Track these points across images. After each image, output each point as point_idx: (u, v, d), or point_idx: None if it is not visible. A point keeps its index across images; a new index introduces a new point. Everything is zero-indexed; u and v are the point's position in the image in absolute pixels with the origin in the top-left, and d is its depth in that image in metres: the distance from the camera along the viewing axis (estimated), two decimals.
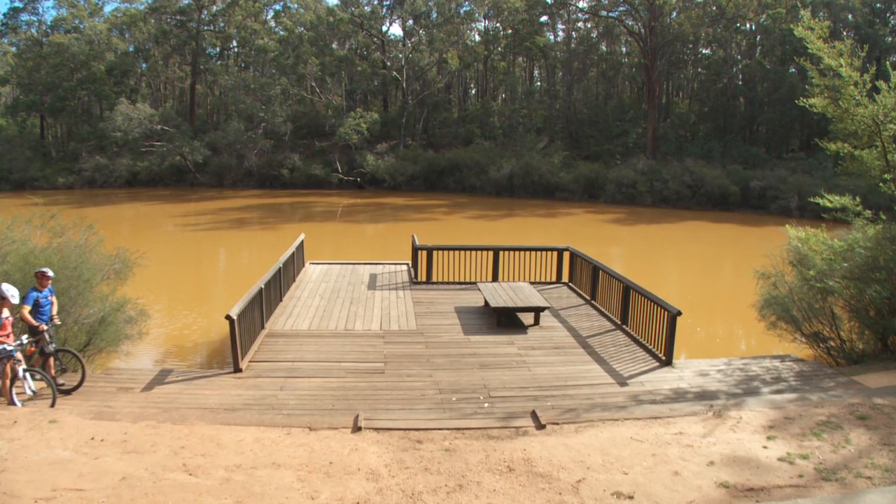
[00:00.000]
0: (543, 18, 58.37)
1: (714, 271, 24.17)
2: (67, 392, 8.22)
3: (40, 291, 8.50)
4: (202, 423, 6.79)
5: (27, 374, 7.82)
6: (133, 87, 58.03)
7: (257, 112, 51.71)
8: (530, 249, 15.20)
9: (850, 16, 47.91)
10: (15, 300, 7.89)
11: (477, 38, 62.04)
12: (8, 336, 7.85)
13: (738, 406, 7.35)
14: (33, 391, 7.81)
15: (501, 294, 12.19)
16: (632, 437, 6.50)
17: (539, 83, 65.66)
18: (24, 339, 8.03)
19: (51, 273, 8.74)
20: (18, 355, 7.79)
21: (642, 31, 48.84)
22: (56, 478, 5.44)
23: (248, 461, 5.90)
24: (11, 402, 7.63)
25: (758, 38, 53.60)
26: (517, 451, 6.21)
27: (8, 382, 7.69)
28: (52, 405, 7.55)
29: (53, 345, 8.56)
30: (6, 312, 7.87)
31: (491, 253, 14.90)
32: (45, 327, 8.39)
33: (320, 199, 43.78)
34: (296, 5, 63.98)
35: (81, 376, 8.47)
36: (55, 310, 8.81)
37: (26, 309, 8.23)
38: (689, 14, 50.62)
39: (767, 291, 11.15)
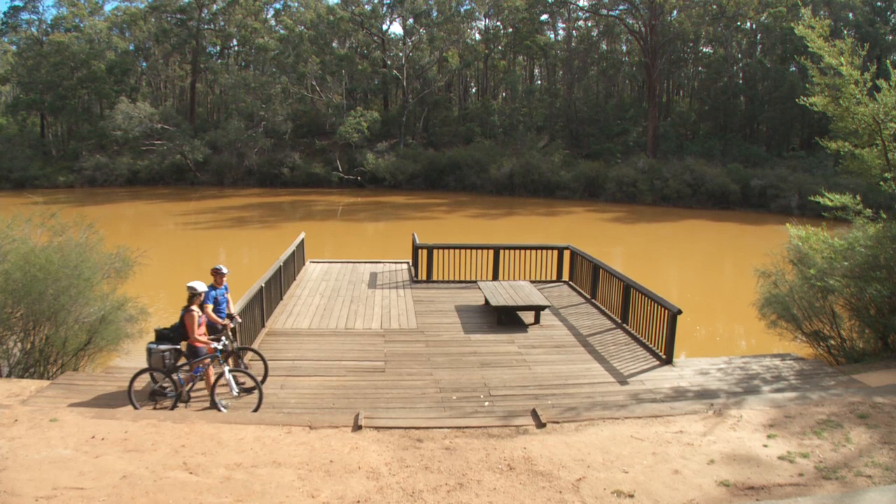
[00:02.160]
0: (544, 17, 58.33)
1: (714, 270, 24.16)
2: (249, 391, 8.15)
3: (217, 289, 8.47)
4: (202, 421, 6.79)
5: (231, 376, 7.76)
6: (133, 86, 57.98)
7: (258, 111, 51.69)
8: (531, 248, 15.20)
9: (850, 14, 47.87)
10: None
11: (477, 36, 62.00)
12: (203, 335, 7.82)
13: (738, 405, 7.35)
14: (237, 393, 7.77)
15: (502, 293, 12.19)
16: (632, 436, 6.51)
17: (539, 82, 65.64)
18: (225, 339, 7.95)
19: (226, 270, 8.70)
20: (222, 356, 7.78)
21: (643, 29, 48.79)
22: (57, 476, 5.45)
23: (249, 460, 5.91)
24: (214, 406, 7.56)
25: (758, 37, 53.56)
26: (517, 449, 6.21)
27: (211, 384, 7.69)
28: (257, 409, 7.48)
29: (236, 342, 8.55)
30: (198, 310, 7.81)
31: (491, 251, 14.90)
32: (232, 324, 8.40)
33: (320, 198, 43.77)
34: (296, 4, 63.94)
35: (265, 372, 8.44)
36: (233, 307, 8.80)
37: (209, 308, 8.18)
38: (689, 13, 50.56)
39: (768, 290, 11.15)
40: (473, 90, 66.79)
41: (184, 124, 50.78)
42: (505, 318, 11.69)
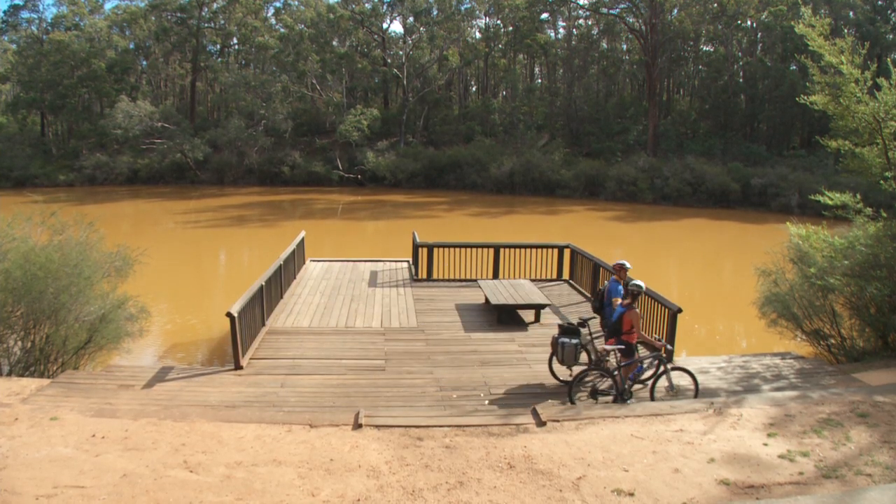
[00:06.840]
0: (544, 16, 58.20)
1: (715, 269, 24.16)
2: (641, 381, 8.27)
3: (620, 283, 8.57)
4: (203, 420, 6.79)
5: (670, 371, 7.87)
6: (133, 85, 57.90)
7: (258, 109, 51.63)
8: (531, 247, 15.20)
9: (850, 13, 47.76)
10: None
11: (478, 35, 61.87)
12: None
13: (738, 403, 7.35)
14: (673, 388, 7.86)
15: (502, 291, 12.19)
16: (632, 435, 6.51)
17: (540, 80, 65.55)
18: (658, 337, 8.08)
19: (629, 265, 8.83)
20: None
21: (643, 28, 48.73)
22: (57, 475, 5.46)
23: (249, 458, 5.91)
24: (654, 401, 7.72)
25: (759, 35, 53.47)
26: (518, 448, 6.22)
27: (652, 380, 7.86)
28: (697, 395, 7.78)
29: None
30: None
31: (491, 250, 14.90)
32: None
33: (321, 197, 43.76)
34: (296, 2, 63.81)
35: (670, 358, 8.61)
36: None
37: (618, 301, 8.30)
38: (689, 11, 50.45)
39: (768, 289, 11.14)
40: (474, 89, 66.71)
41: (184, 123, 50.73)
42: (505, 317, 11.69)
